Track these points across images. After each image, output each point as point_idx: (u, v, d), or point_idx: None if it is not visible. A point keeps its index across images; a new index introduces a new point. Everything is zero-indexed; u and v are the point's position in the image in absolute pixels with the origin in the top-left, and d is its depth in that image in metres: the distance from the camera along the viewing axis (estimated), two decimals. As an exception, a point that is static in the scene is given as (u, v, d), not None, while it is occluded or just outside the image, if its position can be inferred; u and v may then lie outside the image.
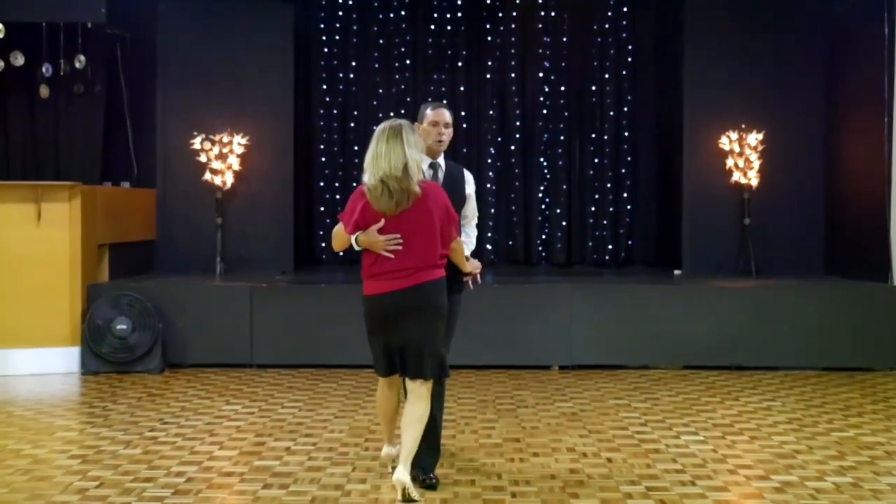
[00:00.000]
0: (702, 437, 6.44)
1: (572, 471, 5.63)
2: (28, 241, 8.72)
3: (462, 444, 6.24)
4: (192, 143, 10.54)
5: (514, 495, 5.16)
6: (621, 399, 7.70)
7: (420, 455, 5.18)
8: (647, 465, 5.74)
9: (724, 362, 8.96)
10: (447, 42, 12.06)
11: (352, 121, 12.05)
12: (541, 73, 12.04)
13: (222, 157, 10.59)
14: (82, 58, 10.09)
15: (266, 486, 5.32)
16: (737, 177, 10.58)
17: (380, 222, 5.00)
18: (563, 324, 9.00)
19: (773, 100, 10.74)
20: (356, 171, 10.23)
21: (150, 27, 10.83)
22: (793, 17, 10.80)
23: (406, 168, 4.94)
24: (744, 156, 10.56)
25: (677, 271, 10.85)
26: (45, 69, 10.12)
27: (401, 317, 5.03)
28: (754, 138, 10.55)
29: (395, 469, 5.07)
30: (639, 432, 6.58)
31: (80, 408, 7.54)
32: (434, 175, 5.37)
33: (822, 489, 5.28)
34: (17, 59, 10.07)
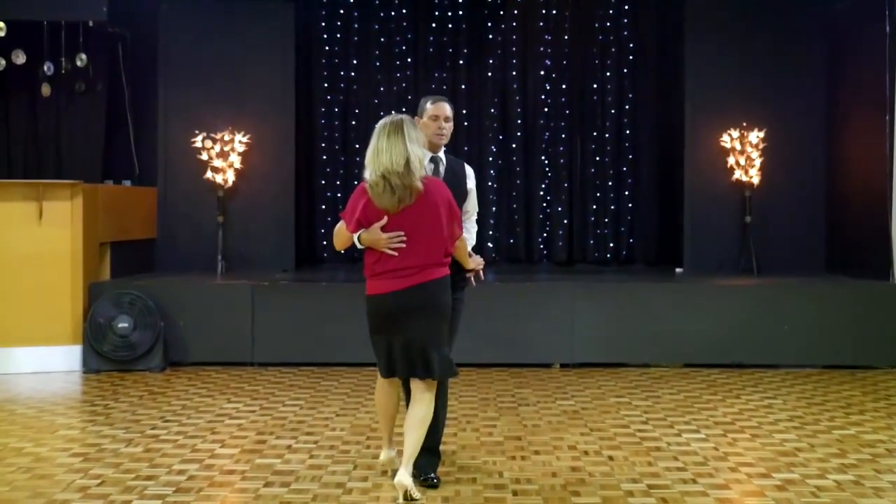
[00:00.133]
0: (703, 435, 6.43)
1: (574, 469, 5.63)
2: (29, 239, 8.73)
3: (463, 443, 6.23)
4: (194, 142, 10.55)
5: (515, 493, 5.16)
6: (622, 397, 7.70)
7: (420, 457, 5.13)
8: (649, 463, 5.74)
9: (726, 360, 8.96)
10: (448, 40, 12.07)
11: (353, 119, 12.06)
12: (542, 72, 12.04)
13: (223, 156, 10.59)
14: (84, 56, 10.11)
15: (267, 485, 5.32)
16: (738, 175, 10.58)
17: (382, 220, 4.93)
18: (565, 322, 9.00)
19: (774, 98, 10.74)
20: (357, 169, 10.22)
21: (151, 26, 10.84)
22: (794, 16, 10.80)
23: (408, 164, 4.87)
24: (745, 154, 10.56)
25: (678, 269, 10.85)
26: (46, 68, 10.14)
27: (405, 316, 4.96)
28: (755, 136, 10.55)
29: (396, 472, 5.04)
30: (640, 430, 6.58)
31: (82, 406, 7.54)
32: (435, 169, 5.30)
33: (824, 487, 5.28)
34: (19, 58, 10.09)
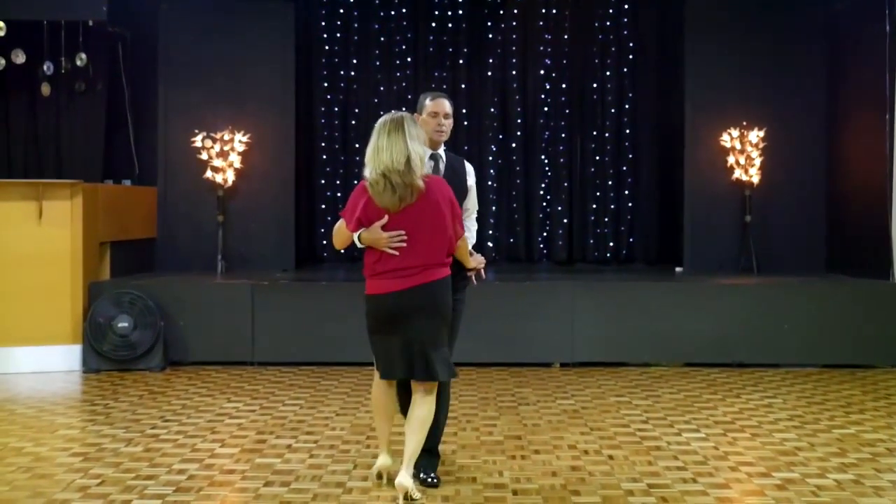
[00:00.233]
0: (703, 435, 6.43)
1: (574, 468, 5.63)
2: (29, 239, 8.72)
3: (463, 442, 6.23)
4: (194, 141, 10.55)
5: (515, 493, 5.16)
6: (623, 396, 7.70)
7: (420, 457, 5.09)
8: (649, 463, 5.74)
9: (726, 359, 8.96)
10: (448, 39, 12.07)
11: (353, 118, 12.06)
12: (542, 71, 12.05)
13: (223, 155, 10.59)
14: (84, 56, 10.10)
15: (267, 484, 5.32)
16: (738, 174, 10.58)
17: (383, 219, 4.88)
18: (565, 321, 9.00)
19: (774, 97, 10.74)
20: (357, 168, 10.22)
21: (151, 25, 10.84)
22: (794, 15, 10.80)
23: (409, 162, 4.81)
24: (745, 153, 10.56)
25: (678, 269, 10.86)
26: (46, 67, 10.13)
27: (405, 317, 4.90)
28: (755, 136, 10.55)
29: (392, 476, 5.01)
30: (640, 430, 6.58)
31: (82, 406, 7.54)
32: (435, 167, 5.23)
33: (824, 486, 5.28)
34: (19, 57, 10.09)
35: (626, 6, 11.97)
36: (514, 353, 9.01)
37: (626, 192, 12.02)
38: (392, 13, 12.04)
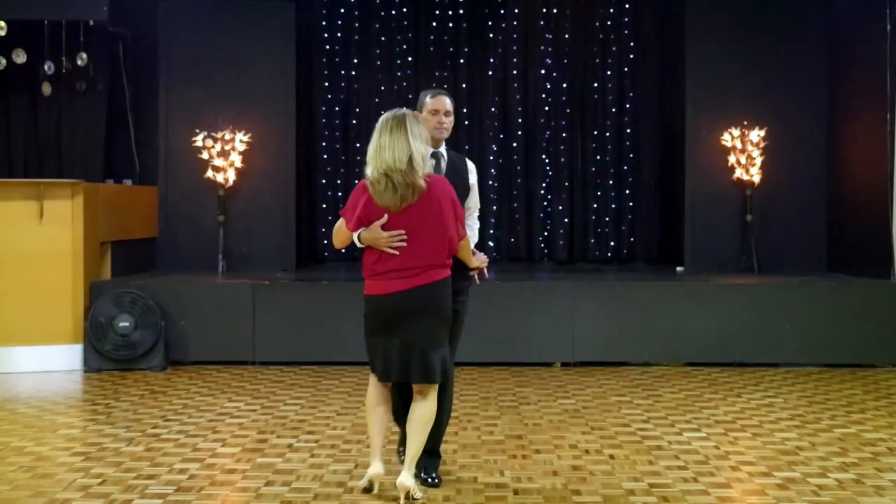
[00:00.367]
0: (704, 434, 6.43)
1: (575, 468, 5.63)
2: (30, 238, 8.73)
3: (464, 441, 6.23)
4: (195, 141, 10.55)
5: (516, 492, 5.16)
6: (623, 396, 7.70)
7: (421, 457, 5.06)
8: (650, 462, 5.74)
9: (727, 359, 8.96)
10: (449, 39, 12.07)
11: (354, 118, 12.07)
12: (542, 70, 12.06)
13: (224, 155, 10.59)
14: (84, 56, 10.12)
15: (268, 484, 5.32)
16: (739, 174, 10.59)
17: (383, 218, 4.81)
18: (566, 321, 9.00)
19: (774, 97, 10.75)
20: (358, 168, 10.23)
21: (151, 25, 10.85)
22: (794, 15, 10.81)
23: (411, 161, 4.73)
24: (746, 153, 10.57)
25: (679, 268, 10.86)
26: (47, 67, 10.15)
27: (405, 318, 4.83)
28: (756, 135, 10.56)
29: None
30: (641, 429, 6.58)
31: (83, 405, 7.55)
32: (436, 165, 5.15)
33: (825, 485, 5.28)
34: (20, 57, 10.10)
35: (627, 6, 11.98)
36: (515, 353, 9.01)
37: (627, 191, 12.03)
38: (393, 12, 12.04)
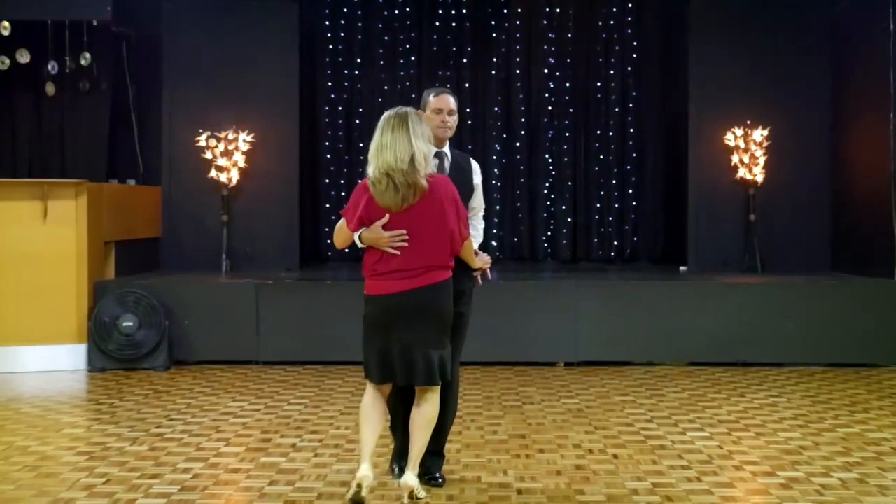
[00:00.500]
0: (707, 434, 6.44)
1: (578, 467, 5.63)
2: (34, 238, 8.74)
3: (468, 441, 6.24)
4: (198, 141, 10.56)
5: (519, 492, 5.16)
6: (627, 395, 7.70)
7: (424, 457, 5.04)
8: (653, 462, 5.75)
9: (730, 359, 8.96)
10: (452, 39, 12.08)
11: (357, 117, 12.07)
12: (546, 70, 12.05)
13: (228, 155, 10.60)
14: (88, 55, 10.15)
15: (272, 483, 5.33)
16: (742, 173, 10.58)
17: (384, 218, 4.75)
18: (569, 320, 9.00)
19: (778, 96, 10.74)
20: (361, 167, 10.19)
21: (155, 25, 10.86)
22: (798, 14, 10.80)
23: (413, 161, 4.67)
24: (749, 152, 10.56)
25: (683, 268, 10.86)
26: (50, 67, 10.18)
27: (406, 319, 4.77)
28: (760, 134, 10.55)
29: (404, 472, 4.96)
30: (644, 429, 6.58)
31: (87, 405, 7.56)
32: (440, 165, 5.11)
33: (828, 485, 5.28)
34: (24, 57, 10.13)
35: (630, 5, 11.97)
36: (518, 353, 9.02)
37: (631, 191, 12.03)
38: (396, 12, 12.04)
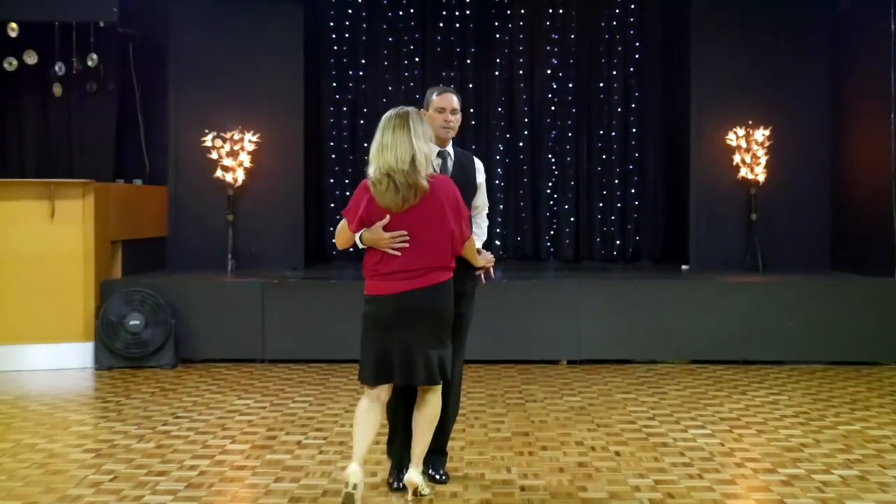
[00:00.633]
0: (709, 431, 6.47)
1: (581, 464, 5.67)
2: (42, 237, 8.79)
3: (471, 438, 6.28)
4: (204, 141, 10.60)
5: (522, 489, 5.20)
6: (629, 393, 7.74)
7: (427, 455, 5.09)
8: (655, 459, 5.79)
9: (731, 356, 9.00)
10: (456, 39, 12.12)
11: (361, 117, 12.11)
12: (549, 71, 12.09)
13: (233, 155, 10.65)
14: (95, 56, 10.19)
15: (278, 480, 5.37)
16: (744, 172, 10.61)
17: (385, 218, 4.73)
18: (572, 319, 9.04)
19: (779, 96, 10.76)
20: (366, 167, 10.26)
21: (161, 26, 10.89)
22: (799, 14, 10.81)
23: (413, 161, 4.65)
24: (751, 152, 10.59)
25: (685, 266, 10.89)
26: (57, 68, 10.22)
27: (407, 319, 4.75)
28: (761, 134, 10.58)
29: (408, 469, 4.99)
30: (646, 426, 6.62)
31: (94, 402, 7.61)
32: (442, 165, 5.08)
33: (829, 482, 5.31)
34: (31, 58, 10.19)
35: (633, 6, 12.01)
36: (521, 351, 9.06)
37: (633, 190, 12.07)
38: (400, 13, 12.09)
